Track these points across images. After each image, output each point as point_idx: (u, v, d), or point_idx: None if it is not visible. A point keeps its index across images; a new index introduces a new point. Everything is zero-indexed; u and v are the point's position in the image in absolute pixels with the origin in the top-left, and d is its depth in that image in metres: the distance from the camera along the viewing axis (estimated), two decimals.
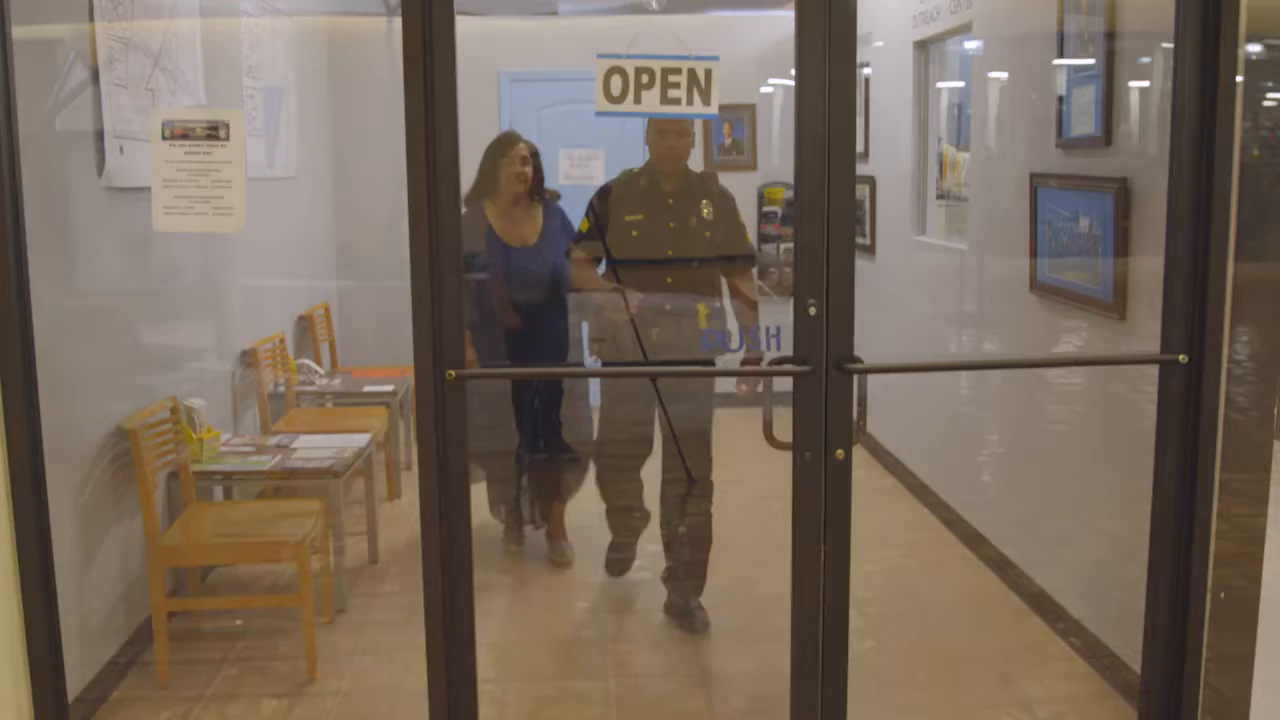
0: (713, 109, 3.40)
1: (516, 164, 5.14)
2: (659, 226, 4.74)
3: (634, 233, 4.73)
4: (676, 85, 3.39)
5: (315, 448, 5.04)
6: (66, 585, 3.65)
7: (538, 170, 5.24)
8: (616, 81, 3.37)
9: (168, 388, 4.72)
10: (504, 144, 5.18)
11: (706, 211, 4.76)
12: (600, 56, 3.34)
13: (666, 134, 4.61)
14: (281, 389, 5.93)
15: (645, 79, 3.38)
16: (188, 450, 4.67)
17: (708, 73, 3.39)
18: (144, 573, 4.38)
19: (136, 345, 4.68)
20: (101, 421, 4.27)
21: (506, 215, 5.20)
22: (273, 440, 5.19)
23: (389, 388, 6.20)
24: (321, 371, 6.38)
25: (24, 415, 3.30)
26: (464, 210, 3.29)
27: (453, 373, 3.24)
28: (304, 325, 6.57)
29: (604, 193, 4.78)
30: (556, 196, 5.30)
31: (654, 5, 5.28)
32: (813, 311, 3.21)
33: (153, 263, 4.67)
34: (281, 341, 6.03)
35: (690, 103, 3.41)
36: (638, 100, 3.37)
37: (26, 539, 3.35)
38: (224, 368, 5.51)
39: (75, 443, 4.07)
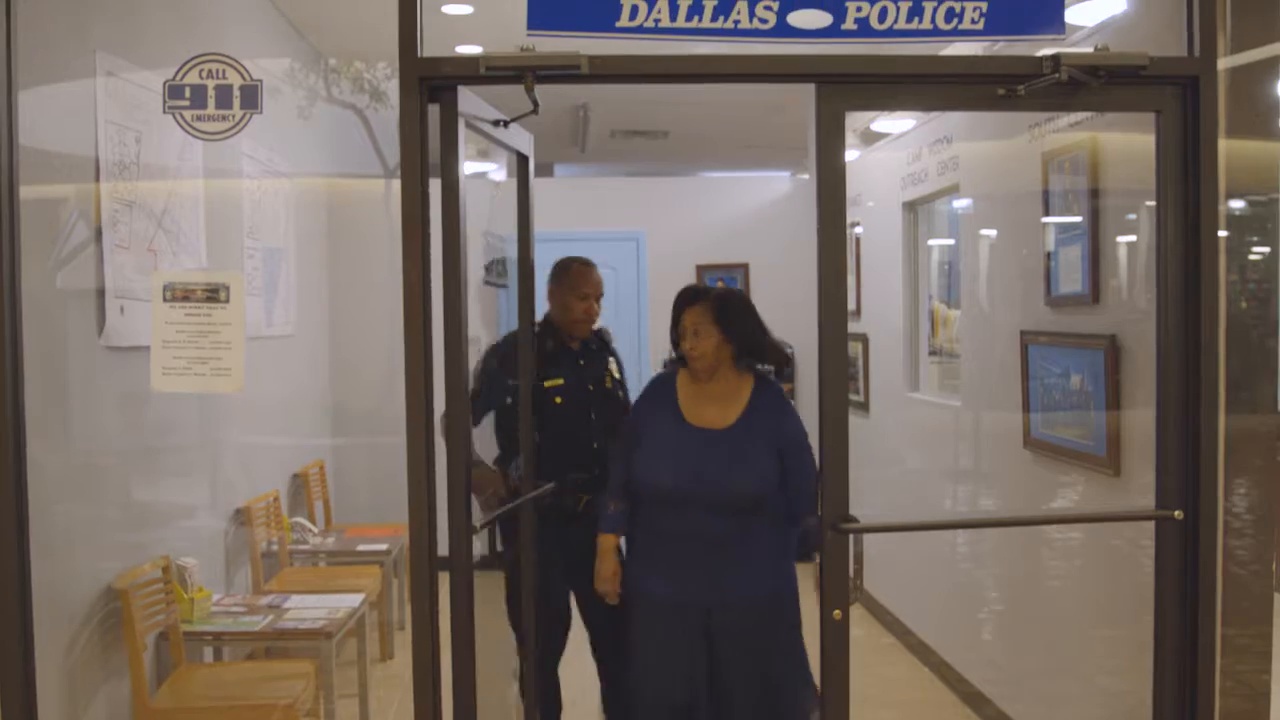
0: None
1: (689, 335, 3.98)
2: (579, 390, 4.53)
3: (557, 399, 4.44)
4: None
5: (307, 608, 4.98)
6: None
7: (741, 331, 3.97)
8: None
9: (160, 546, 4.68)
10: (683, 300, 4.08)
11: (616, 370, 4.66)
12: None
13: (588, 296, 4.52)
14: (275, 547, 5.89)
15: None
16: (178, 610, 4.62)
17: None
18: None
19: (130, 503, 4.66)
20: (92, 580, 4.22)
21: (692, 386, 4.04)
22: (265, 600, 5.13)
23: (383, 546, 6.15)
24: (315, 530, 6.34)
25: (15, 574, 3.28)
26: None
27: (478, 524, 3.37)
28: (299, 483, 6.56)
29: (498, 353, 4.45)
30: (771, 370, 4.10)
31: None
32: None
33: (149, 420, 4.67)
34: (276, 499, 6.01)
35: None
36: None
37: (12, 701, 3.30)
38: (217, 525, 5.47)
39: (65, 601, 4.01)
